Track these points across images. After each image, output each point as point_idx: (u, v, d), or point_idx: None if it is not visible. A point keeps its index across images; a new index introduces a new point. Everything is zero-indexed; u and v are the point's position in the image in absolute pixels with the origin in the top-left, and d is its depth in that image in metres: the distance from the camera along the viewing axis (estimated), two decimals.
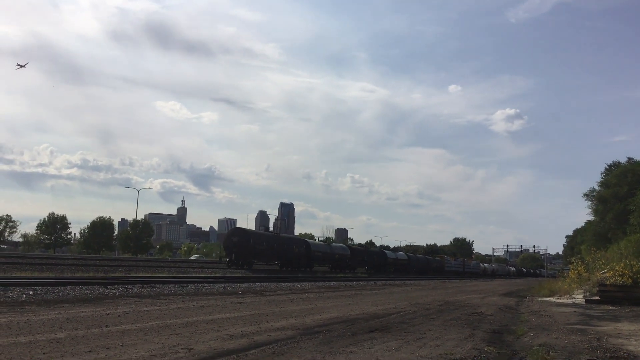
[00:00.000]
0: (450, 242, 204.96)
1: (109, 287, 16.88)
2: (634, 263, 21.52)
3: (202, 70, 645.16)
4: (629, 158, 57.43)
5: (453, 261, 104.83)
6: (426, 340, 8.95)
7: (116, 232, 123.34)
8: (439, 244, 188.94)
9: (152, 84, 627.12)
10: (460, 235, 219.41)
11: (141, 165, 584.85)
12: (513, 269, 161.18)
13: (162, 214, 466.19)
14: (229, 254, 43.80)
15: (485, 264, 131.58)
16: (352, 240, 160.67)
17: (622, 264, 21.77)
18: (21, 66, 72.72)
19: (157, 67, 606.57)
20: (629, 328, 11.68)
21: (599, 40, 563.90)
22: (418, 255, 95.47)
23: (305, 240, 57.26)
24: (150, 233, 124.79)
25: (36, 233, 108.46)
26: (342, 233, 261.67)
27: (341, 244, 71.60)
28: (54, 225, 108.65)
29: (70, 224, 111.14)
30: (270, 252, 46.68)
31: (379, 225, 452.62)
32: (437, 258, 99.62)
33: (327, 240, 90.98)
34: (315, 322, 10.86)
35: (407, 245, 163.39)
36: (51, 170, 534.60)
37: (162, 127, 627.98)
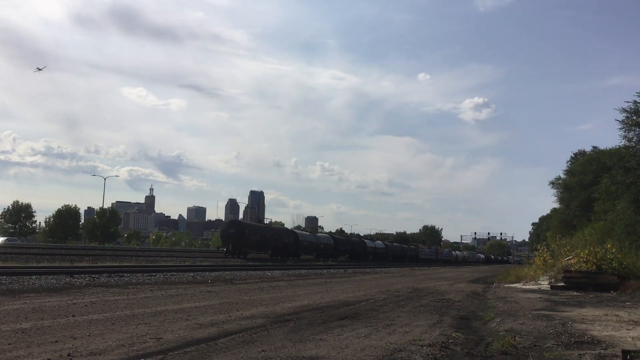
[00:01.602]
0: (420, 230, 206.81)
1: (75, 276, 16.65)
2: (598, 250, 21.99)
3: (170, 56, 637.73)
4: (594, 147, 58.52)
5: (427, 249, 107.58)
6: (395, 327, 9.05)
7: (82, 220, 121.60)
8: (408, 232, 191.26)
9: (118, 69, 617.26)
10: (429, 223, 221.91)
11: (107, 153, 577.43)
12: (482, 256, 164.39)
13: (130, 203, 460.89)
14: (226, 244, 48.09)
15: (457, 252, 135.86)
16: (322, 228, 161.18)
17: (587, 251, 22.22)
18: (39, 69, 71.32)
19: (124, 53, 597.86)
20: (593, 313, 11.97)
21: (566, 30, 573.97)
22: (394, 244, 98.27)
23: (294, 231, 61.66)
24: (117, 222, 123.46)
25: (0, 222, 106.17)
26: (312, 221, 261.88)
27: (325, 234, 75.07)
28: (19, 213, 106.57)
29: (35, 212, 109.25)
30: (263, 243, 50.80)
31: (349, 214, 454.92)
32: (412, 247, 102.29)
33: (311, 230, 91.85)
34: (286, 310, 10.89)
35: (376, 234, 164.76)
36: (14, 158, 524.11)
37: (129, 114, 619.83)
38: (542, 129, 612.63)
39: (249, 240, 47.80)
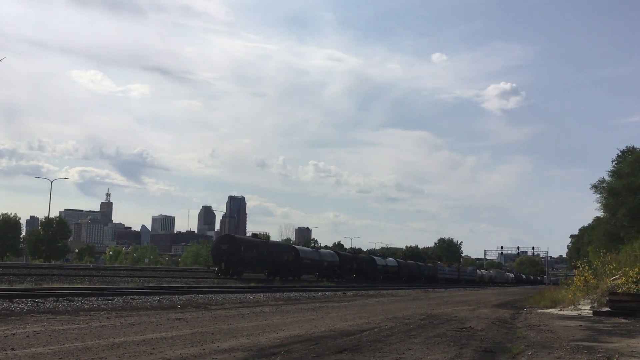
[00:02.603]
0: (435, 243, 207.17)
1: (15, 300, 16.58)
2: None
3: (130, 33, 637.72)
4: None
5: (447, 267, 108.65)
6: None
7: (24, 232, 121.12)
8: (421, 246, 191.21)
9: (66, 48, 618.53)
10: (446, 235, 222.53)
11: (54, 150, 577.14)
12: (512, 275, 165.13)
13: (82, 211, 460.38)
14: (218, 262, 49.06)
15: (483, 271, 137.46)
16: (316, 242, 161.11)
17: (637, 269, 22.34)
18: None
19: (73, 28, 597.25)
20: None
21: (612, 1, 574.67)
22: (409, 261, 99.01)
23: (294, 247, 63.36)
24: (66, 234, 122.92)
25: None
26: (304, 233, 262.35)
27: (330, 251, 76.21)
28: None
29: None
30: (260, 260, 52.04)
31: (348, 224, 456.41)
32: (429, 264, 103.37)
33: (313, 246, 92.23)
34: (271, 341, 10.88)
35: (382, 248, 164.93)
36: None
37: (80, 103, 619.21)
38: (583, 121, 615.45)
39: (244, 258, 48.77)
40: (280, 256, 55.71)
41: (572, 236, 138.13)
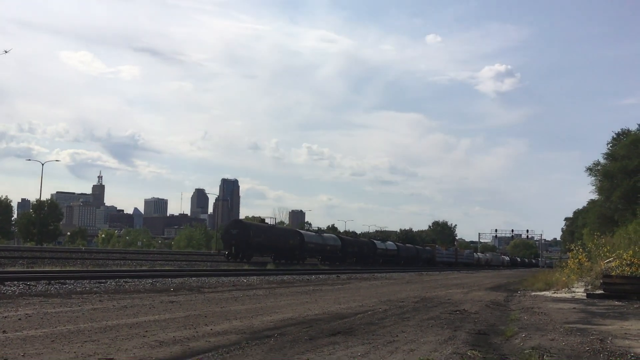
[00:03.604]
0: (429, 226, 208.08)
1: (6, 283, 16.58)
2: None
3: (120, 13, 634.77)
4: None
5: (444, 251, 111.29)
6: (398, 344, 9.10)
7: (15, 215, 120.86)
8: (415, 229, 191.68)
9: (56, 29, 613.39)
10: (440, 219, 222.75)
11: (45, 132, 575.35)
12: (507, 258, 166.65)
13: (74, 193, 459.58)
14: (228, 247, 52.01)
15: (479, 254, 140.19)
16: (309, 224, 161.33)
17: (631, 252, 22.44)
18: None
19: (63, 9, 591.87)
20: (638, 327, 12.10)
21: None
22: (408, 245, 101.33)
23: (299, 232, 65.72)
24: (58, 217, 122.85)
25: None
26: (297, 216, 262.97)
27: (332, 234, 78.18)
28: None
29: None
30: (268, 245, 54.98)
31: (342, 207, 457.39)
32: (427, 248, 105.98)
33: (316, 230, 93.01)
34: (265, 324, 10.93)
35: (376, 231, 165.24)
36: None
37: (70, 84, 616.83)
38: (578, 103, 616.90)
39: (253, 242, 51.50)
40: (286, 240, 58.33)
41: (566, 219, 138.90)
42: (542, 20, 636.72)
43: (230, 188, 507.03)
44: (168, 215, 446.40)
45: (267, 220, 65.84)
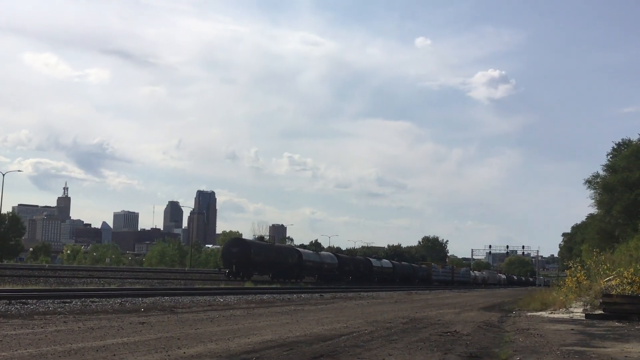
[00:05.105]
0: (419, 242, 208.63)
1: None
2: None
3: (88, 13, 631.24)
4: None
5: (440, 269, 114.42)
6: None
7: None
8: (404, 245, 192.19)
9: (18, 29, 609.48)
10: (431, 234, 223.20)
11: (5, 140, 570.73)
12: (503, 276, 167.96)
13: (37, 206, 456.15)
14: (228, 265, 55.38)
15: (476, 272, 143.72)
16: (291, 240, 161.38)
17: (632, 269, 22.56)
18: None
19: (26, 7, 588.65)
20: None
21: None
22: (403, 263, 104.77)
23: (297, 250, 69.93)
24: (20, 231, 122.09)
25: None
26: (278, 231, 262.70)
27: (329, 253, 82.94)
28: None
29: None
30: (268, 263, 58.66)
31: (326, 221, 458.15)
32: (423, 266, 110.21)
33: (314, 248, 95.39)
34: (242, 347, 10.89)
35: (363, 247, 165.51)
36: None
37: (34, 88, 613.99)
38: (576, 111, 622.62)
39: (253, 261, 55.06)
40: (285, 259, 62.02)
41: (564, 234, 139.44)
42: (538, 24, 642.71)
43: (206, 200, 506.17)
44: (139, 229, 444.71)
45: (244, 237, 68.16)
